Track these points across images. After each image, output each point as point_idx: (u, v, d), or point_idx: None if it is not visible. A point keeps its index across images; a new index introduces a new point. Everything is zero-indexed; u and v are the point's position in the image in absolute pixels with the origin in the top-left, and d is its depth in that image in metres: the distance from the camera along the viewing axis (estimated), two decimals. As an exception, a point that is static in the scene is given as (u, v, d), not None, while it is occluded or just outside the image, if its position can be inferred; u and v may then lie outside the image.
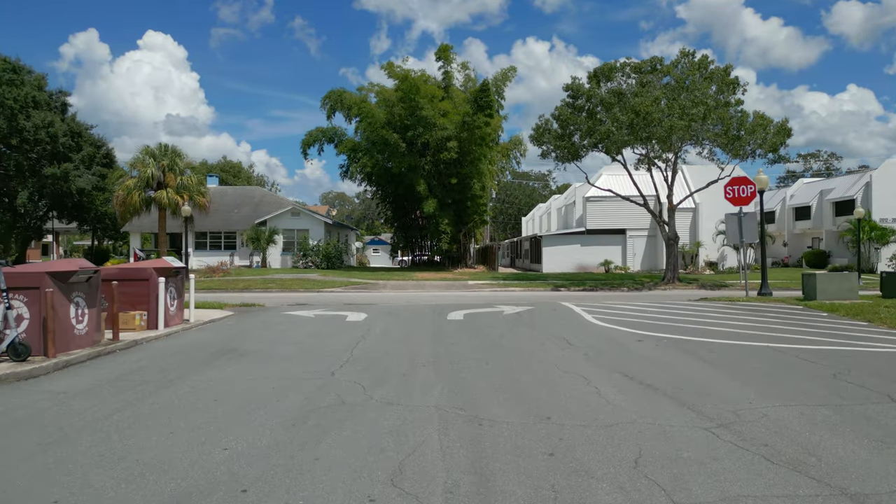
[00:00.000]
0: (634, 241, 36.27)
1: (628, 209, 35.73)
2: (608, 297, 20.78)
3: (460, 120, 34.81)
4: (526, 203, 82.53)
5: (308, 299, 20.04)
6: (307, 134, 38.54)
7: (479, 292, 23.93)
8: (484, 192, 38.16)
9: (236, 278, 28.00)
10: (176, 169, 30.11)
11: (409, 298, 20.55)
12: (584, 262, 36.16)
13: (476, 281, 28.11)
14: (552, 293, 23.50)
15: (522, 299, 19.83)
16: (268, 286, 25.57)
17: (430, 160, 36.52)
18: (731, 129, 23.85)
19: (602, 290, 24.63)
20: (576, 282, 27.25)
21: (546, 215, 49.41)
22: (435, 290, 24.76)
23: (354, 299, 20.14)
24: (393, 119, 35.92)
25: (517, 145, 45.86)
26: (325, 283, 26.36)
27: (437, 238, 38.28)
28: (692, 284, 25.85)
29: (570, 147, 25.98)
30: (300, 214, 40.33)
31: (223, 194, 45.95)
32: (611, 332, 10.28)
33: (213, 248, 40.94)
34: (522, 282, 27.47)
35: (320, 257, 37.72)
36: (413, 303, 17.35)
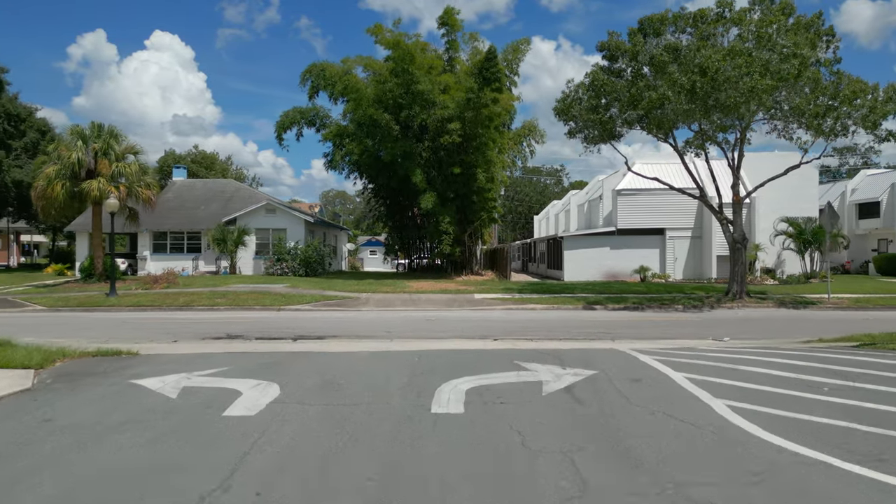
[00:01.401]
0: (675, 243, 30.59)
1: (667, 204, 30.14)
2: (674, 325, 15.13)
3: (464, 97, 29.20)
4: (538, 200, 76.85)
5: (244, 328, 14.49)
6: (282, 115, 33.04)
7: (490, 312, 18.32)
8: (493, 184, 32.52)
9: (180, 290, 22.53)
10: (111, 154, 24.64)
11: (391, 325, 14.97)
12: (615, 269, 30.49)
13: (485, 294, 22.52)
14: (588, 314, 17.86)
15: (552, 326, 14.21)
16: (215, 302, 20.08)
17: (429, 146, 30.94)
18: (822, 97, 18.18)
19: (652, 310, 18.98)
20: (612, 297, 21.60)
21: (564, 213, 43.76)
22: (431, 309, 19.19)
23: (309, 328, 14.57)
24: (384, 96, 30.34)
25: (531, 132, 40.16)
26: (291, 299, 20.84)
27: (438, 239, 32.68)
28: (766, 301, 20.15)
29: (607, 123, 20.34)
30: (276, 211, 34.83)
31: (190, 188, 40.56)
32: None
33: (174, 250, 35.49)
34: (544, 296, 21.87)
35: (298, 262, 32.18)
36: (387, 349, 11.74)
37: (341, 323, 15.62)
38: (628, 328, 14.26)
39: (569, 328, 14.23)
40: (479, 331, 13.74)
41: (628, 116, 19.83)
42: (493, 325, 15.01)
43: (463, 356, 9.06)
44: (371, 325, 14.97)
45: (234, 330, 14.06)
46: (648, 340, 11.89)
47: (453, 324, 15.21)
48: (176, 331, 13.90)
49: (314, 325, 15.17)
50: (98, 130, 25.11)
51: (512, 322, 15.69)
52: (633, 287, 24.99)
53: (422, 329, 14.12)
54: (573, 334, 13.14)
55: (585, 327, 14.39)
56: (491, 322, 15.65)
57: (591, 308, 19.39)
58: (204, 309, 19.42)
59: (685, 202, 30.06)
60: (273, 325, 15.02)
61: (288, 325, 14.95)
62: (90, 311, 19.19)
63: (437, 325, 14.82)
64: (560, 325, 14.99)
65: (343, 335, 13.11)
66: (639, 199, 30.58)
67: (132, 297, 20.80)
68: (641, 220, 30.57)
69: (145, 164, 26.33)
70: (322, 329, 14.16)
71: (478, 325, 14.99)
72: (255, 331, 13.97)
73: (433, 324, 15.21)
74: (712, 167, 22.41)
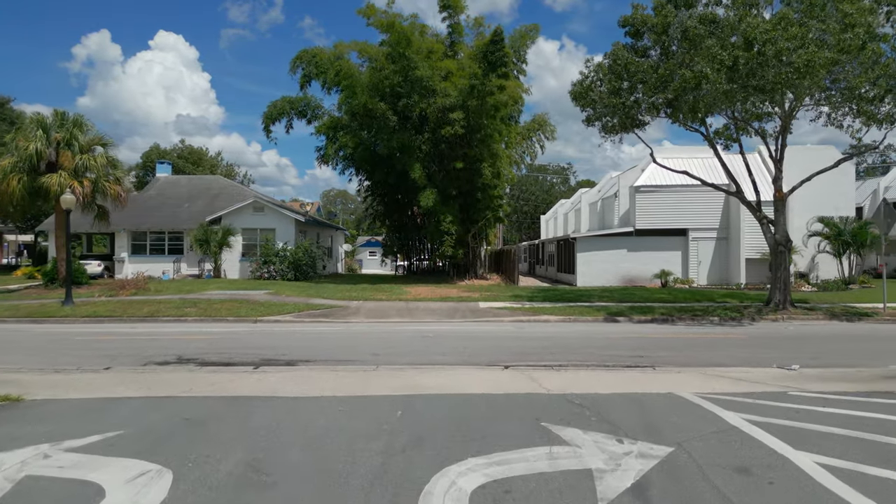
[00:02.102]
0: (699, 244, 28.14)
1: (690, 202, 27.72)
2: (718, 344, 12.71)
3: (467, 84, 26.84)
4: (544, 199, 74.46)
5: (203, 348, 12.14)
6: (270, 105, 30.64)
7: (497, 324, 15.92)
8: (498, 180, 30.14)
9: (147, 298, 20.20)
10: (75, 145, 22.31)
11: (381, 344, 12.57)
12: (632, 273, 28.07)
13: (491, 303, 20.14)
14: (611, 328, 15.44)
15: (574, 345, 11.81)
16: (184, 312, 17.74)
17: (429, 138, 28.57)
18: (882, 76, 15.74)
19: (684, 324, 16.57)
20: (635, 306, 19.20)
21: (574, 213, 41.33)
22: (429, 320, 16.82)
23: (281, 348, 12.19)
24: (381, 84, 27.99)
25: (541, 126, 37.77)
26: (271, 308, 18.49)
27: (439, 240, 30.35)
28: (814, 312, 17.70)
29: (631, 108, 17.92)
30: (264, 209, 32.48)
31: (174, 185, 38.28)
32: None
33: (154, 252, 33.18)
34: (557, 304, 19.48)
35: (286, 265, 29.83)
36: (364, 389, 9.40)
37: (322, 340, 13.25)
38: (666, 350, 11.85)
39: (594, 348, 11.83)
40: (485, 352, 11.37)
41: (655, 101, 17.39)
42: (502, 343, 12.62)
43: (465, 407, 6.68)
44: (356, 344, 12.60)
45: (191, 351, 11.71)
46: (700, 370, 9.49)
47: (455, 342, 12.82)
48: (120, 352, 11.56)
49: (289, 342, 12.81)
50: (61, 119, 22.81)
51: (524, 339, 13.30)
52: (656, 294, 22.57)
53: (416, 350, 11.75)
54: (602, 358, 10.74)
55: (614, 348, 11.98)
56: (499, 339, 13.26)
57: (613, 320, 16.99)
58: (170, 320, 17.10)
59: (710, 200, 27.67)
60: (241, 344, 12.66)
61: (258, 344, 12.58)
62: (39, 322, 16.87)
63: (434, 345, 12.44)
64: (582, 343, 12.58)
65: (318, 359, 10.75)
66: (659, 197, 28.15)
67: (90, 307, 18.48)
68: (662, 220, 28.14)
69: (114, 158, 23.97)
70: (296, 349, 11.80)
71: (484, 343, 12.61)
72: (214, 351, 11.62)
73: (431, 342, 12.83)
74: (726, 163, 19.86)
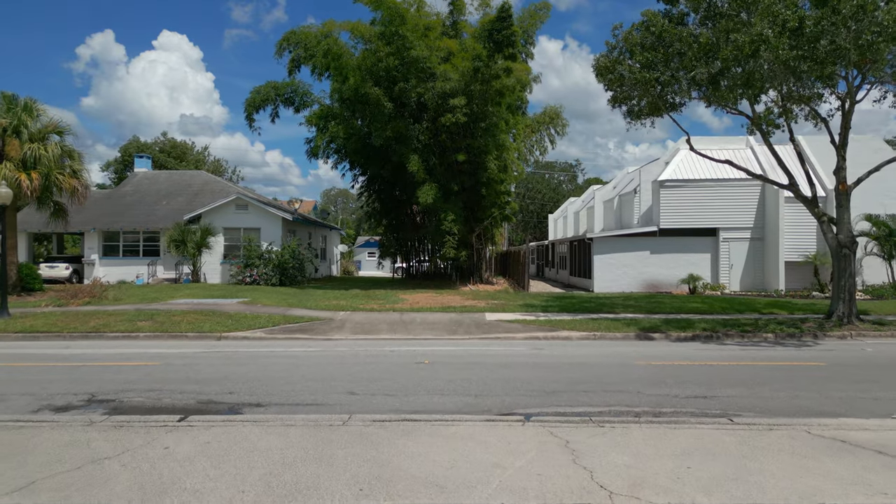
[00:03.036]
0: (731, 245, 25.42)
1: (721, 198, 25.03)
2: (794, 374, 10.00)
3: (470, 67, 24.19)
4: (551, 198, 71.80)
5: (133, 381, 9.49)
6: (253, 92, 27.97)
7: (508, 344, 13.23)
8: (505, 174, 27.50)
9: (98, 309, 17.59)
10: (24, 133, 19.70)
11: (362, 374, 9.89)
12: (656, 277, 25.38)
13: (499, 314, 17.47)
14: (649, 349, 12.74)
15: (609, 378, 9.13)
16: (136, 327, 15.12)
17: (428, 127, 25.93)
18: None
19: (734, 342, 13.89)
20: (670, 319, 16.52)
21: (586, 211, 38.62)
22: (426, 337, 14.17)
23: (234, 379, 9.53)
24: (375, 68, 25.30)
25: (552, 119, 35.06)
26: (241, 321, 15.86)
27: (440, 241, 27.73)
28: (886, 328, 14.96)
29: (667, 84, 15.23)
30: (248, 207, 29.86)
31: (152, 181, 35.68)
32: None
33: (128, 253, 30.59)
34: (577, 316, 16.80)
35: (270, 268, 27.20)
36: (315, 470, 6.72)
37: (290, 369, 10.58)
38: (733, 385, 9.16)
39: (639, 383, 9.16)
40: (496, 388, 8.72)
41: (697, 75, 14.69)
42: (517, 374, 9.94)
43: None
44: (332, 375, 9.93)
45: (115, 385, 9.08)
46: (801, 425, 6.79)
47: (456, 370, 10.16)
48: (20, 387, 8.92)
49: (246, 372, 10.15)
50: (9, 103, 20.19)
51: (545, 367, 10.61)
52: (689, 303, 19.86)
53: (406, 386, 9.08)
54: (655, 401, 8.07)
55: (664, 382, 9.29)
56: (513, 367, 10.57)
57: (647, 337, 14.30)
58: (117, 337, 14.48)
59: (743, 195, 24.98)
60: (185, 373, 10.01)
61: (207, 374, 9.93)
62: (-41, 339, 14.26)
63: (431, 376, 9.76)
64: (621, 374, 9.89)
65: (274, 402, 8.10)
66: (686, 192, 25.44)
67: (29, 320, 15.85)
68: (689, 218, 25.44)
69: (71, 147, 21.35)
70: (252, 383, 9.15)
71: (494, 374, 9.93)
72: (145, 386, 8.99)
73: (426, 372, 10.15)
74: (778, 152, 17.02)
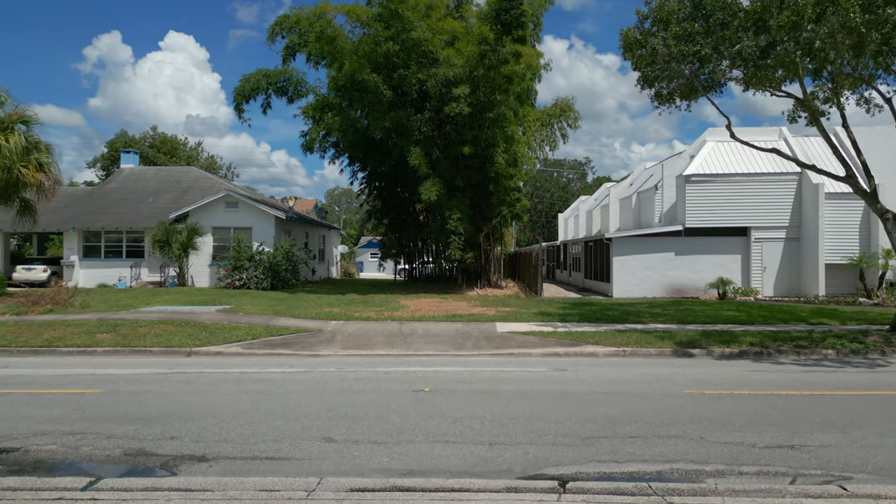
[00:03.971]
0: (763, 246, 23.39)
1: (753, 194, 23.02)
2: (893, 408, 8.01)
3: (475, 51, 22.28)
4: (560, 197, 69.82)
5: (58, 419, 7.59)
6: (242, 80, 26.06)
7: (525, 364, 11.27)
8: (515, 168, 25.55)
9: (60, 318, 15.74)
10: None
11: (346, 408, 7.94)
12: (681, 281, 23.39)
13: (511, 324, 15.52)
14: (694, 370, 10.75)
15: (659, 415, 7.15)
16: (95, 340, 13.26)
17: (431, 118, 24.01)
18: None
19: (790, 360, 11.92)
20: (711, 332, 14.55)
21: (600, 210, 36.61)
22: (428, 353, 12.26)
23: (184, 416, 7.61)
24: (374, 53, 23.37)
25: (564, 112, 33.11)
26: (217, 333, 13.97)
27: (444, 241, 25.83)
28: (964, 341, 12.93)
29: (707, 59, 13.24)
30: (238, 205, 28.02)
31: (139, 178, 33.89)
32: None
33: (110, 255, 28.79)
34: (601, 327, 14.84)
35: (261, 270, 25.34)
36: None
37: (258, 400, 8.65)
38: (822, 427, 7.19)
39: (697, 423, 7.21)
40: (516, 432, 6.81)
41: (743, 48, 12.70)
42: (539, 408, 8.00)
43: None
44: (306, 411, 8.01)
45: (31, 424, 7.21)
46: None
47: (464, 403, 8.24)
48: None
49: (203, 404, 8.25)
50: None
51: (573, 397, 8.66)
52: (722, 311, 17.86)
53: (402, 426, 7.16)
54: (726, 456, 6.12)
55: (729, 423, 7.33)
56: (534, 398, 8.63)
57: (686, 353, 12.34)
58: (71, 352, 12.64)
59: (778, 191, 22.98)
60: (123, 409, 8.12)
61: (150, 409, 8.03)
62: None
63: (432, 412, 7.83)
64: (670, 409, 7.94)
65: (224, 454, 6.19)
66: (714, 188, 23.43)
67: (-26, 331, 14.00)
68: (717, 216, 23.44)
69: (37, 138, 19.51)
70: (205, 421, 7.26)
71: (511, 408, 8.00)
72: (67, 429, 7.11)
73: (426, 405, 8.22)
74: (806, 146, 15.07)
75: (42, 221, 28.48)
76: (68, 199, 30.61)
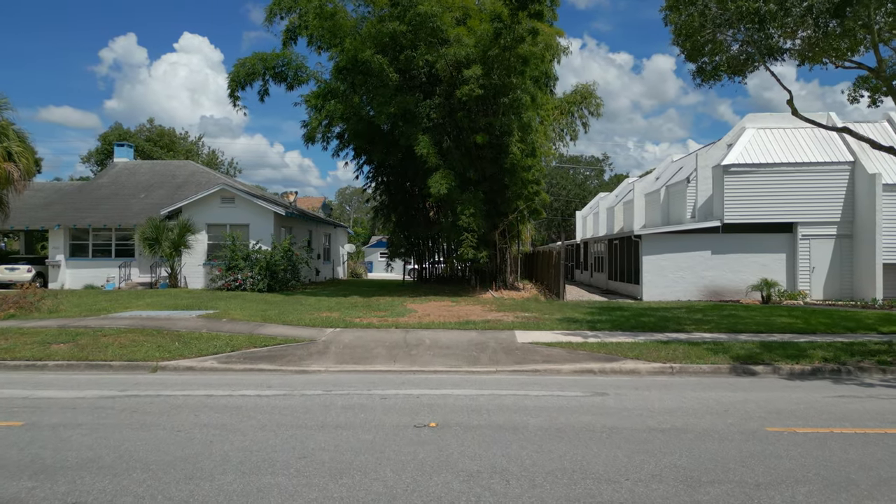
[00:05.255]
0: (811, 244, 21.20)
1: (800, 186, 20.93)
2: None
3: (489, 29, 20.31)
4: (577, 195, 67.62)
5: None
6: (237, 64, 24.20)
7: (555, 385, 9.29)
8: (533, 159, 23.51)
9: (16, 325, 14.03)
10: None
11: (325, 452, 6.01)
12: (719, 282, 21.28)
13: (533, 332, 13.54)
14: (767, 393, 8.72)
15: (741, 460, 5.16)
16: (48, 352, 11.51)
17: (441, 103, 22.07)
18: None
19: (880, 382, 9.87)
20: (771, 343, 12.49)
21: (622, 206, 34.48)
22: (436, 369, 10.35)
23: (80, 475, 5.67)
24: (378, 32, 21.47)
25: (585, 99, 30.99)
26: (190, 344, 12.15)
27: (456, 239, 23.89)
28: None
29: (773, 19, 11.17)
30: (234, 200, 26.25)
31: (132, 172, 32.26)
32: None
33: (98, 253, 27.15)
34: (638, 337, 12.84)
35: (257, 270, 23.54)
36: None
37: (218, 436, 6.76)
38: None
39: (801, 486, 5.23)
40: (556, 495, 4.83)
41: (815, 3, 10.63)
42: (580, 456, 6.03)
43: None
44: (271, 459, 6.10)
45: None
46: None
47: (479, 446, 6.30)
48: None
49: (140, 446, 6.38)
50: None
51: (622, 437, 6.68)
52: (774, 317, 15.75)
53: (395, 488, 5.24)
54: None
55: (851, 483, 5.35)
56: (571, 438, 6.66)
57: (748, 371, 10.31)
58: (18, 367, 10.86)
59: (827, 182, 20.84)
60: (30, 454, 6.27)
61: (66, 455, 6.16)
62: None
63: (438, 461, 5.90)
64: (760, 460, 5.93)
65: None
66: (756, 179, 21.28)
67: (-86, 340, 12.26)
68: (759, 211, 21.29)
69: (8, 123, 17.79)
70: (129, 476, 5.40)
71: (542, 453, 6.05)
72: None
73: (429, 450, 6.28)
74: (858, 133, 12.89)
75: (26, 218, 26.97)
76: (56, 194, 29.05)
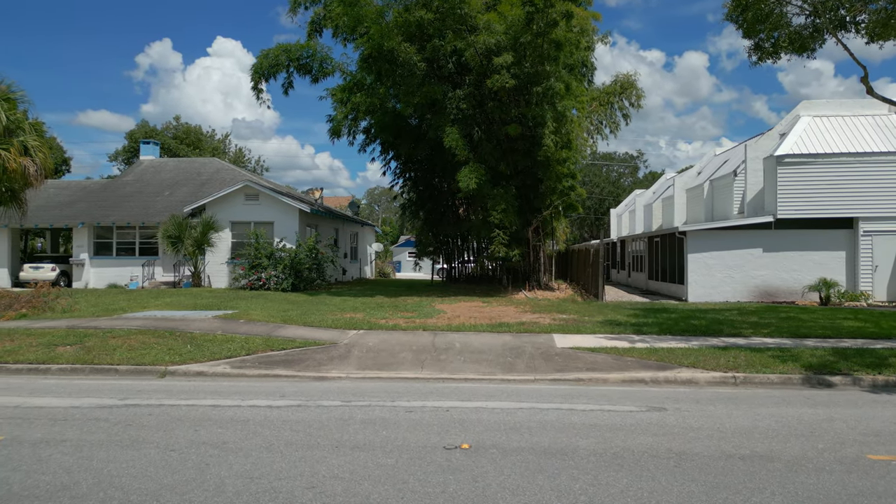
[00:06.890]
0: (875, 241, 19.60)
1: (861, 178, 19.39)
2: None
3: (520, 14, 19.23)
4: (610, 192, 65.91)
5: None
6: (260, 56, 23.54)
7: (603, 398, 8.21)
8: (569, 151, 22.34)
9: (23, 326, 13.49)
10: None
11: (336, 489, 5.06)
12: (771, 282, 19.83)
13: (573, 336, 12.45)
14: (845, 409, 7.52)
15: (841, 497, 4.10)
16: (54, 354, 10.84)
17: (470, 93, 21.05)
18: None
19: None
20: (845, 350, 11.21)
21: (661, 202, 32.97)
22: (467, 378, 9.37)
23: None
24: (404, 20, 20.56)
25: (625, 90, 29.62)
26: (206, 345, 11.38)
27: (487, 237, 22.92)
28: None
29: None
30: (259, 197, 25.64)
31: (157, 170, 32.00)
32: None
33: (122, 252, 26.86)
34: (691, 342, 11.65)
35: (281, 269, 22.86)
36: None
37: (216, 457, 5.88)
38: None
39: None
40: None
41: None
42: (647, 491, 4.98)
43: None
44: (273, 486, 5.19)
45: None
46: None
47: (522, 472, 5.31)
48: None
49: (133, 467, 5.53)
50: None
51: (693, 465, 5.59)
52: (839, 320, 14.34)
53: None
54: None
55: None
56: (631, 466, 5.60)
57: (824, 383, 9.09)
58: (20, 370, 10.22)
59: (892, 175, 19.17)
60: (0, 477, 5.44)
61: (40, 479, 5.35)
62: None
63: (472, 494, 4.92)
64: (873, 495, 4.80)
65: None
66: (813, 171, 19.77)
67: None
68: (816, 205, 19.78)
69: (22, 116, 17.38)
70: None
71: (598, 487, 5.02)
72: None
73: (461, 480, 5.29)
74: None
75: (51, 216, 26.82)
76: (81, 192, 28.91)
